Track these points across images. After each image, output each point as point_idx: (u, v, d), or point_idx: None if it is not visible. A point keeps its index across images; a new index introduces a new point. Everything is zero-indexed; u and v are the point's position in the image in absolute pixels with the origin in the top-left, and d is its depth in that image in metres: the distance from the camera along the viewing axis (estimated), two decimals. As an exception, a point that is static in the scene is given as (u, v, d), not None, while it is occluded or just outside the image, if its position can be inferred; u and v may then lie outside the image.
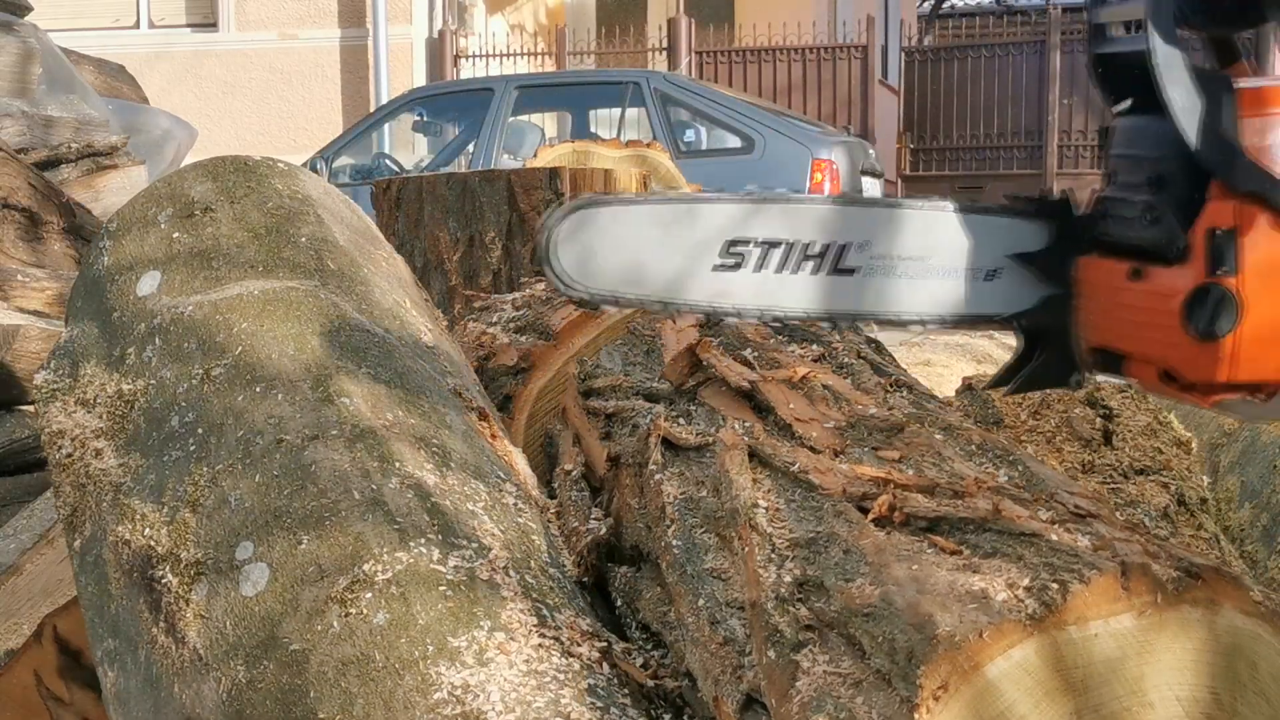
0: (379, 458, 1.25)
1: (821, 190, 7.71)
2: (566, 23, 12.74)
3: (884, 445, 1.20)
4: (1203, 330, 1.15)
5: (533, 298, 2.03)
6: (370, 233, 1.65)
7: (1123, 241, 1.24)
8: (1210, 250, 1.16)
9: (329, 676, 1.08)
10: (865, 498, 1.07)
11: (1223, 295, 1.15)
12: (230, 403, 1.29)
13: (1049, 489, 1.08)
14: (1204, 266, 1.16)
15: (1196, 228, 1.17)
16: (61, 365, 1.41)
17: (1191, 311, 1.16)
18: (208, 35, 12.02)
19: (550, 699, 1.06)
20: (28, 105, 3.97)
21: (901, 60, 12.82)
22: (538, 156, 4.83)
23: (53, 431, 1.35)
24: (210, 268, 1.42)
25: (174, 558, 1.21)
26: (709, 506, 1.21)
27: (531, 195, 3.11)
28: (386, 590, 1.12)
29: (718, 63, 11.64)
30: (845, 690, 0.89)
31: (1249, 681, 0.88)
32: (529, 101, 8.90)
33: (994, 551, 0.95)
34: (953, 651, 0.83)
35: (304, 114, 11.80)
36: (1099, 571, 0.87)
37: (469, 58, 11.90)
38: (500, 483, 1.33)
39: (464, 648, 1.09)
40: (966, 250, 1.29)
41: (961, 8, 15.82)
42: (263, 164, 1.57)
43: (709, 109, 8.10)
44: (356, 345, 1.37)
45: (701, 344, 1.53)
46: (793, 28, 11.44)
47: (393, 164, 8.96)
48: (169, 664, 1.17)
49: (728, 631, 1.06)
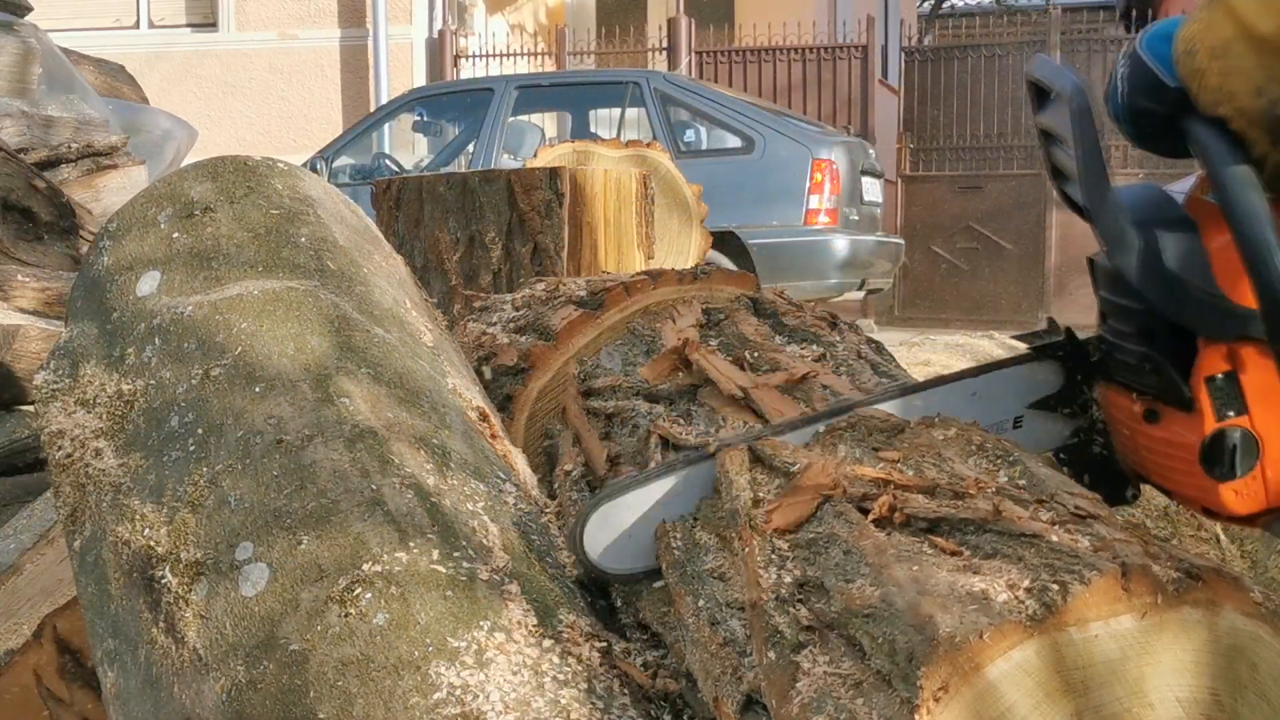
0: (379, 458, 1.25)
1: (821, 190, 7.71)
2: (566, 23, 12.75)
3: (884, 445, 1.20)
4: (1226, 474, 1.15)
5: (533, 298, 2.03)
6: (370, 233, 1.65)
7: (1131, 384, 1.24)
8: (1214, 398, 1.15)
9: (329, 677, 1.08)
10: (865, 498, 1.06)
11: (1238, 438, 1.14)
12: (230, 403, 1.29)
13: (1049, 490, 1.08)
14: (1212, 413, 1.15)
15: (1195, 377, 1.15)
16: (61, 365, 1.41)
17: (1211, 457, 1.15)
18: (207, 35, 12.01)
19: (550, 699, 1.06)
20: (28, 105, 3.97)
21: (901, 60, 12.83)
22: (538, 156, 4.83)
23: (53, 431, 1.35)
24: (210, 268, 1.42)
25: (174, 558, 1.21)
26: (709, 507, 1.21)
27: (531, 195, 3.11)
28: (386, 590, 1.12)
29: (718, 63, 11.64)
30: (845, 691, 0.89)
31: (1249, 682, 0.88)
32: (529, 101, 8.90)
33: (994, 552, 0.95)
34: (953, 653, 0.83)
35: (304, 114, 11.80)
36: (1099, 573, 0.86)
37: (469, 58, 11.90)
38: (500, 483, 1.33)
39: (464, 648, 1.09)
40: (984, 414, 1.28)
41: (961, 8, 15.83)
42: (263, 164, 1.57)
43: (709, 109, 8.10)
44: (356, 345, 1.37)
45: (690, 345, 1.53)
46: (793, 28, 11.44)
47: (393, 164, 8.96)
48: (169, 664, 1.17)
49: (728, 632, 1.06)
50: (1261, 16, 1.13)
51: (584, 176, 3.20)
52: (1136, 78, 1.25)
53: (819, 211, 7.72)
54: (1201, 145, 1.18)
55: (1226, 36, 1.15)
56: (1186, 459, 1.16)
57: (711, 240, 4.80)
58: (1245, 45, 1.14)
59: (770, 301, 1.82)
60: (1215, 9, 1.17)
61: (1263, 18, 1.13)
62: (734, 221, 7.47)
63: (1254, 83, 1.13)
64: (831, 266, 7.77)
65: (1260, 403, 1.14)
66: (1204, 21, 1.18)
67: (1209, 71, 1.16)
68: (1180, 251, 1.17)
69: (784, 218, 7.71)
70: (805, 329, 1.72)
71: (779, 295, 1.86)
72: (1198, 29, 1.18)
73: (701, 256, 4.62)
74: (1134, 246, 1.18)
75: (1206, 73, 1.16)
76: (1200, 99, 1.18)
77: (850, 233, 7.89)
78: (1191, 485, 1.18)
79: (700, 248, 4.63)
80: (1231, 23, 1.15)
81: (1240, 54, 1.14)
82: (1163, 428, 1.18)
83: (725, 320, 1.72)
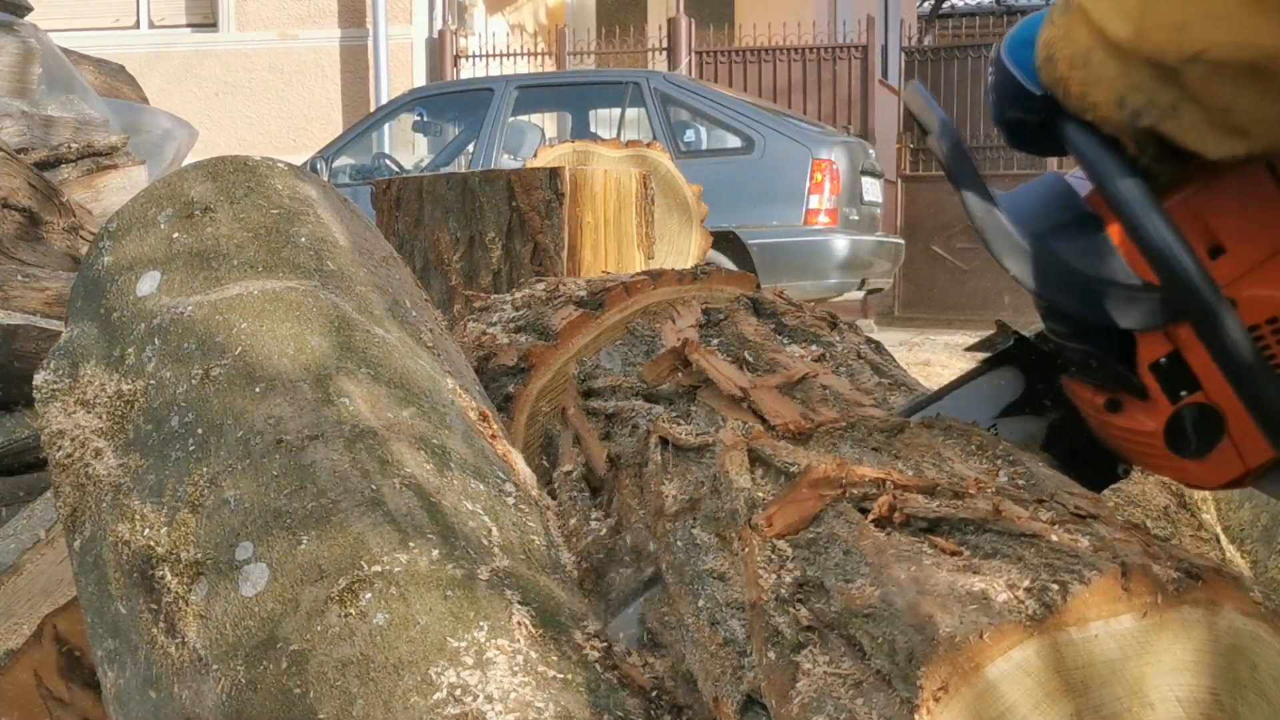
0: (379, 458, 1.25)
1: (821, 190, 7.71)
2: (566, 23, 12.75)
3: (884, 445, 1.20)
4: (1195, 451, 1.13)
5: (532, 298, 2.03)
6: (370, 233, 1.65)
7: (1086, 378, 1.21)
8: (1163, 382, 1.12)
9: (329, 677, 1.08)
10: (865, 498, 1.06)
11: (1197, 415, 1.12)
12: (230, 403, 1.29)
13: (1049, 490, 1.08)
14: (1165, 398, 1.13)
15: (1140, 365, 1.13)
16: (61, 365, 1.41)
17: (1175, 440, 1.13)
18: (207, 35, 12.02)
19: (550, 699, 1.06)
20: (28, 105, 3.97)
21: (901, 60, 12.83)
22: (538, 156, 4.84)
23: (53, 432, 1.35)
24: (210, 268, 1.42)
25: (174, 558, 1.21)
26: (709, 507, 1.21)
27: (532, 195, 3.12)
28: (386, 591, 1.12)
29: (718, 63, 11.64)
30: (845, 691, 0.89)
31: (1249, 682, 0.88)
32: (529, 101, 8.91)
33: (994, 552, 0.95)
34: (953, 652, 0.83)
35: (304, 114, 11.81)
36: (1099, 572, 0.86)
37: (469, 58, 11.91)
38: (500, 483, 1.33)
39: (464, 648, 1.09)
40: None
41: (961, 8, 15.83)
42: (263, 164, 1.57)
43: (709, 109, 8.11)
44: (356, 345, 1.37)
45: (689, 345, 1.53)
46: (793, 28, 11.44)
47: (393, 164, 8.97)
48: (169, 664, 1.17)
49: (728, 632, 1.06)
50: (1117, 22, 1.06)
51: (584, 176, 3.20)
52: (1003, 88, 1.21)
53: (819, 211, 7.73)
54: (1077, 150, 1.13)
55: (1084, 45, 1.09)
56: (1154, 444, 1.15)
57: (711, 240, 4.80)
58: (1103, 54, 1.08)
59: (770, 301, 1.82)
60: (1070, 16, 1.10)
61: (1118, 23, 1.06)
62: (734, 221, 7.48)
63: (1116, 93, 1.07)
64: (831, 266, 7.78)
65: (1211, 375, 1.11)
66: (1060, 28, 1.12)
67: (1070, 80, 1.11)
68: (1086, 249, 1.14)
69: (784, 218, 7.72)
70: (805, 329, 1.72)
71: (779, 295, 1.86)
72: (1055, 35, 1.12)
73: (701, 256, 4.62)
74: (1029, 257, 1.14)
75: (1068, 81, 1.11)
76: (1066, 105, 1.13)
77: (850, 233, 7.89)
78: (1168, 467, 1.17)
79: (700, 248, 4.64)
80: (1087, 30, 1.08)
81: (1099, 63, 1.08)
82: (1126, 417, 1.16)
83: (725, 320, 1.72)
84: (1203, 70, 1.01)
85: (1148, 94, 1.05)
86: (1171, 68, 1.03)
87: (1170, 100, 1.04)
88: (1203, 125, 1.04)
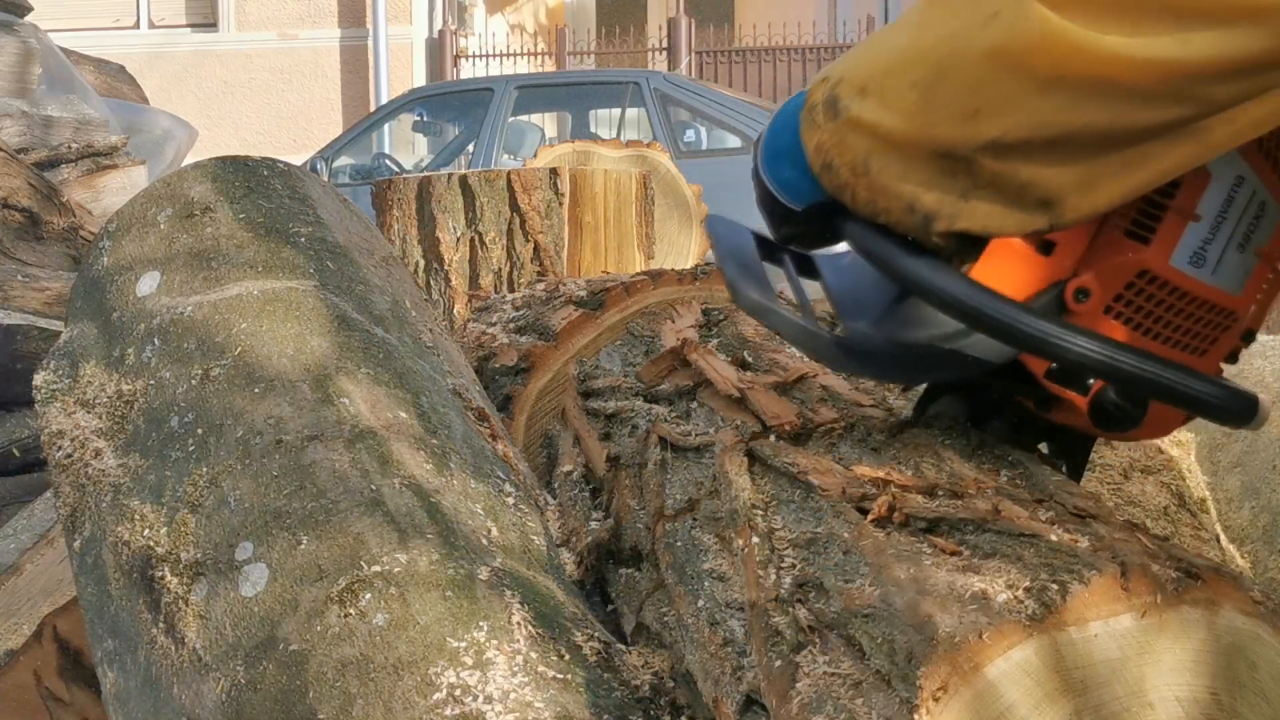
0: (378, 458, 1.25)
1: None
2: (566, 23, 12.76)
3: (883, 445, 1.20)
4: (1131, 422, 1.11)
5: (533, 298, 2.03)
6: (370, 233, 1.65)
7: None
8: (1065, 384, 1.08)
9: (328, 677, 1.08)
10: (865, 498, 1.06)
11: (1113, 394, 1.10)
12: (230, 403, 1.29)
13: (1048, 489, 1.08)
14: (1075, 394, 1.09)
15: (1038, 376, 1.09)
16: (61, 365, 1.41)
17: (1106, 421, 1.10)
18: (208, 35, 12.03)
19: (550, 699, 1.06)
20: (28, 105, 3.98)
21: (901, 60, 12.82)
22: (538, 156, 4.84)
23: (52, 432, 1.35)
24: (210, 268, 1.42)
25: (174, 558, 1.21)
26: (708, 507, 1.21)
27: (532, 195, 3.12)
28: (386, 591, 1.12)
29: (718, 63, 11.65)
30: (845, 691, 0.89)
31: (1249, 682, 0.88)
32: (529, 101, 8.91)
33: (994, 552, 0.95)
34: (953, 652, 0.83)
35: (304, 114, 11.81)
36: (1099, 572, 0.86)
37: (469, 58, 11.91)
38: (500, 483, 1.33)
39: (463, 648, 1.09)
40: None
41: (961, 8, 15.80)
42: (262, 164, 1.57)
43: (709, 109, 8.11)
44: (356, 345, 1.37)
45: (689, 345, 1.53)
46: (793, 28, 11.45)
47: (393, 164, 8.97)
48: (169, 664, 1.17)
49: (727, 632, 1.06)
50: (894, 120, 1.00)
51: (584, 176, 3.20)
52: (767, 207, 1.16)
53: (819, 211, 7.72)
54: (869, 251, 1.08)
55: (862, 151, 1.03)
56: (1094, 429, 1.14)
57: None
58: (884, 157, 1.02)
59: (770, 301, 1.81)
60: (840, 123, 1.04)
61: (896, 121, 1.00)
62: (734, 222, 7.46)
63: (904, 200, 1.02)
64: (831, 266, 7.77)
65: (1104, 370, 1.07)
66: (832, 134, 1.05)
67: (856, 188, 1.05)
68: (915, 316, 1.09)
69: (784, 218, 7.71)
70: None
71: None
72: (828, 140, 1.06)
73: (701, 256, 4.62)
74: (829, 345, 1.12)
75: (854, 188, 1.05)
76: (854, 210, 1.06)
77: (850, 233, 7.88)
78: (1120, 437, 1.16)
79: (700, 248, 4.64)
80: (862, 136, 1.03)
81: (879, 169, 1.02)
82: (1058, 414, 1.16)
83: (725, 320, 1.73)
84: (998, 153, 0.96)
85: (938, 189, 1.00)
86: (963, 157, 0.98)
87: (961, 189, 0.99)
88: (1000, 209, 0.99)
